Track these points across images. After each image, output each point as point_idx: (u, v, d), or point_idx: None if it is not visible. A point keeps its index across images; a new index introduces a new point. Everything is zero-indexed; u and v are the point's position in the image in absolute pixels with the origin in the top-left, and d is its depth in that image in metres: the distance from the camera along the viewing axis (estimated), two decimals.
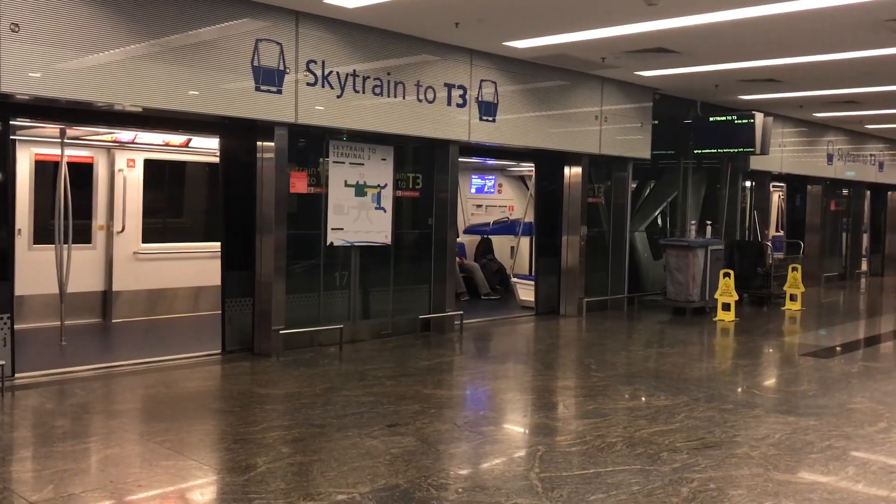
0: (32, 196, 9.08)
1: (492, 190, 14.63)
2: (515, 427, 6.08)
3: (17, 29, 6.22)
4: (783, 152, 15.54)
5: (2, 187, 6.65)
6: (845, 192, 19.27)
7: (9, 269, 6.83)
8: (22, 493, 4.33)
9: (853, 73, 10.65)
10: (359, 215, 9.03)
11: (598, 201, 12.35)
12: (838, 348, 9.83)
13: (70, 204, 8.39)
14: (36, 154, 9.06)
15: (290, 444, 5.30)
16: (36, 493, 4.34)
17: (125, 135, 9.35)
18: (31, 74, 6.32)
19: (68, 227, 8.41)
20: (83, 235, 9.43)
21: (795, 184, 17.79)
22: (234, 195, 8.33)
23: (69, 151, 8.57)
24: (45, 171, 9.16)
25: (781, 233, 18.05)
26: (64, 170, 8.34)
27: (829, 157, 17.28)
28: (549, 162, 11.61)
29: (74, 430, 5.57)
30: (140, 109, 7.19)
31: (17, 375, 6.80)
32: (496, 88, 9.98)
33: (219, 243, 8.63)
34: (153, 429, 5.60)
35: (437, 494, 4.44)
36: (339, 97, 8.35)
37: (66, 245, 8.40)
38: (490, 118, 9.96)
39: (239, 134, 8.17)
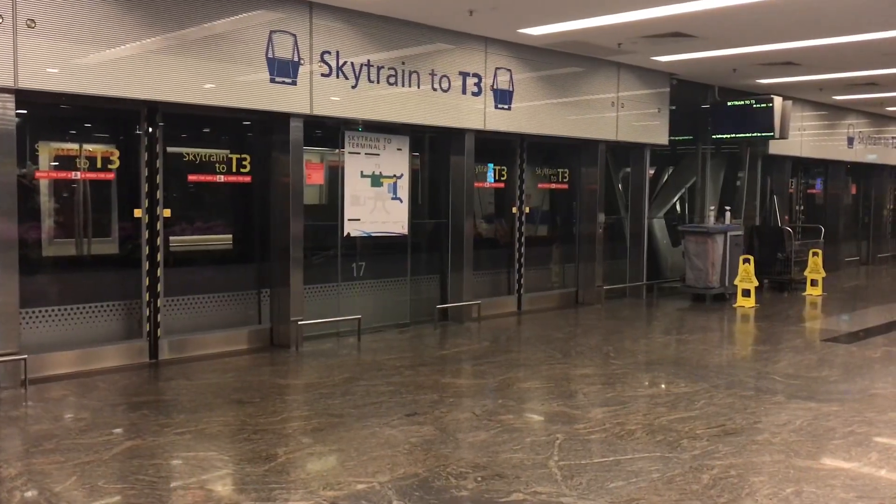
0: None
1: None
2: (534, 415, 6.07)
3: (33, 25, 6.26)
4: (803, 136, 15.37)
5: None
6: (867, 175, 19.05)
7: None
8: (46, 485, 4.38)
9: (873, 55, 10.50)
10: (375, 206, 9.04)
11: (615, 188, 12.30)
12: (860, 333, 9.73)
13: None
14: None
15: (309, 435, 5.33)
16: (59, 485, 4.39)
17: None
18: (48, 70, 6.37)
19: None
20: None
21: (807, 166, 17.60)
22: (253, 186, 8.36)
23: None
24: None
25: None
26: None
27: (850, 141, 17.08)
28: (566, 149, 11.57)
29: (96, 421, 5.62)
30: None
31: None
32: (511, 76, 9.94)
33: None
34: (174, 420, 5.64)
35: (456, 483, 4.45)
36: (353, 87, 8.34)
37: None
38: (506, 106, 9.92)
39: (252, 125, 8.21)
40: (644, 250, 12.42)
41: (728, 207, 12.68)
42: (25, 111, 6.78)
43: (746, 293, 11.49)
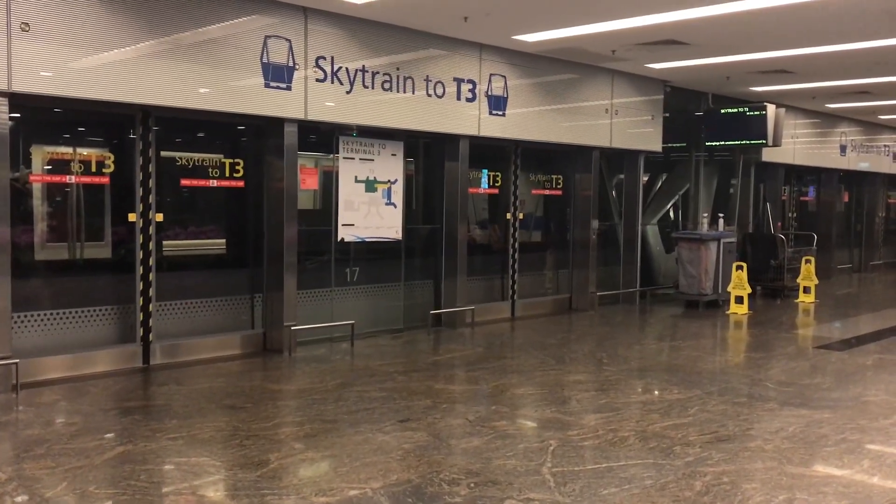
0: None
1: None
2: (527, 421, 6.07)
3: (27, 28, 6.25)
4: (795, 144, 15.43)
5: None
6: (859, 183, 19.13)
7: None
8: (36, 491, 4.36)
9: (866, 63, 10.55)
10: (369, 211, 9.04)
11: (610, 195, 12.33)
12: (853, 340, 9.76)
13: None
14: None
15: (302, 440, 5.32)
16: (50, 490, 4.36)
17: None
18: (42, 73, 6.35)
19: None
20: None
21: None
22: (247, 191, 8.35)
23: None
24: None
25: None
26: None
27: (843, 149, 17.16)
28: (560, 155, 11.59)
29: (87, 426, 5.60)
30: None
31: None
32: (506, 83, 9.96)
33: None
34: (166, 425, 5.62)
35: (449, 489, 4.44)
36: (348, 93, 8.35)
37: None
38: (500, 112, 9.93)
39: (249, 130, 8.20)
40: (637, 257, 12.44)
41: (721, 214, 12.72)
42: (19, 115, 6.76)
43: (739, 300, 11.51)
